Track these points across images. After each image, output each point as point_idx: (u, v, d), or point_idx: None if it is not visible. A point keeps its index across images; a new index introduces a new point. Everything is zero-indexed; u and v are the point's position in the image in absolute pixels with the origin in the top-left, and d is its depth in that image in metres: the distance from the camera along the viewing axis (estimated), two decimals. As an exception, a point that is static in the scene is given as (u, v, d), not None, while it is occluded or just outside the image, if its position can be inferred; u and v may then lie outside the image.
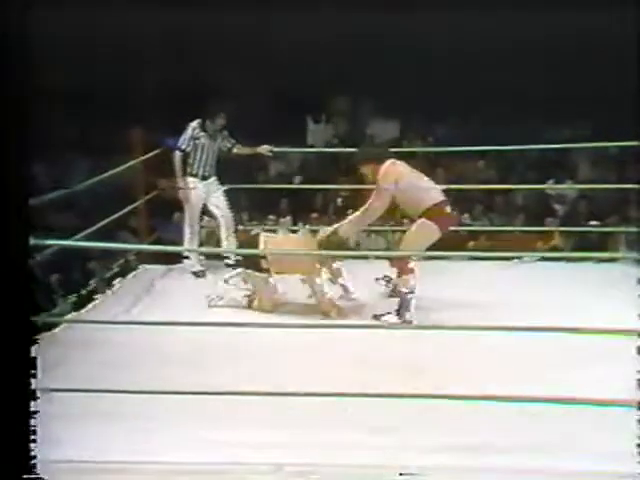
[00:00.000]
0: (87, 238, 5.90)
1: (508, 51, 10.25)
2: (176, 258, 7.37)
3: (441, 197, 6.03)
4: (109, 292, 6.68)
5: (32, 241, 3.28)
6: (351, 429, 4.10)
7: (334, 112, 11.32)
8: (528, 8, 9.77)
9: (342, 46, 10.49)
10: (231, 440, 4.01)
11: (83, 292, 6.47)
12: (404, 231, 6.20)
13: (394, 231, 8.11)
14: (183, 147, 7.04)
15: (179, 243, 7.14)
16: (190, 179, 7.09)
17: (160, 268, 7.19)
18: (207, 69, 10.62)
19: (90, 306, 6.33)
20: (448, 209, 5.99)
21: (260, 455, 3.90)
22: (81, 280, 7.94)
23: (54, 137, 9.55)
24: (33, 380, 3.26)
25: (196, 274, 7.07)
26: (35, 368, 3.27)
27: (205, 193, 7.15)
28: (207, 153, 7.10)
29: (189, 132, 7.04)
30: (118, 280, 6.96)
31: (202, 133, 7.06)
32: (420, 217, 5.91)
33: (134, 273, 7.12)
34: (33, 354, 3.26)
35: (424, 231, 5.89)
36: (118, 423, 4.13)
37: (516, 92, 10.09)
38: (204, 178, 7.13)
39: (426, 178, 6.18)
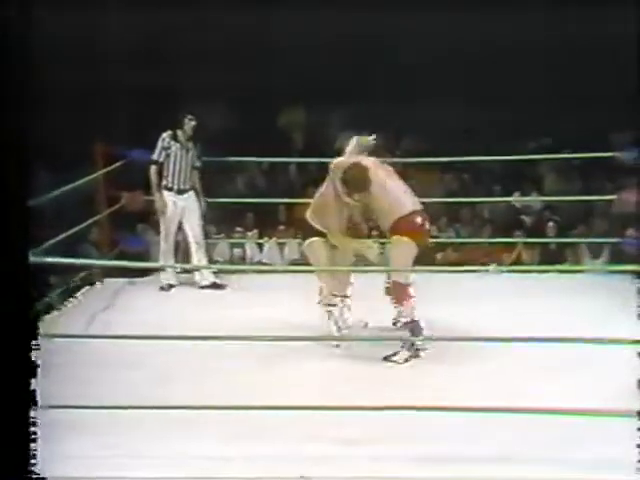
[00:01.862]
0: (48, 250, 5.75)
1: (491, 56, 10.16)
2: (139, 271, 7.24)
3: (413, 206, 5.33)
4: (71, 305, 6.52)
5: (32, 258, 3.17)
6: (325, 442, 4.05)
7: (294, 123, 11.24)
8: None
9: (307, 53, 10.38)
10: (207, 454, 3.94)
11: (44, 303, 6.28)
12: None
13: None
14: (155, 158, 6.87)
15: (143, 256, 7.02)
16: (166, 193, 6.89)
17: (123, 281, 7.04)
18: (171, 74, 10.42)
19: (55, 314, 6.19)
20: (419, 220, 5.29)
21: (238, 469, 3.84)
22: (40, 292, 7.74)
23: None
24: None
25: (163, 288, 6.92)
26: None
27: (182, 209, 6.92)
28: (180, 164, 6.89)
29: (159, 143, 6.87)
30: (80, 293, 6.79)
31: (173, 142, 6.88)
32: (391, 231, 5.28)
33: (96, 286, 6.97)
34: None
35: (403, 250, 5.22)
36: (89, 437, 4.05)
37: (498, 99, 9.98)
38: (180, 192, 6.91)
39: (400, 182, 5.48)
